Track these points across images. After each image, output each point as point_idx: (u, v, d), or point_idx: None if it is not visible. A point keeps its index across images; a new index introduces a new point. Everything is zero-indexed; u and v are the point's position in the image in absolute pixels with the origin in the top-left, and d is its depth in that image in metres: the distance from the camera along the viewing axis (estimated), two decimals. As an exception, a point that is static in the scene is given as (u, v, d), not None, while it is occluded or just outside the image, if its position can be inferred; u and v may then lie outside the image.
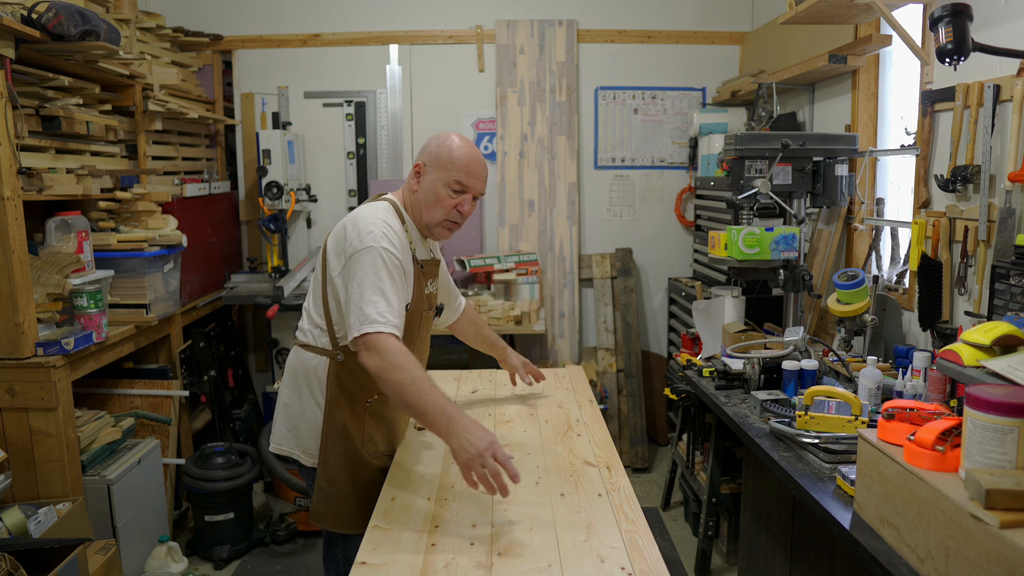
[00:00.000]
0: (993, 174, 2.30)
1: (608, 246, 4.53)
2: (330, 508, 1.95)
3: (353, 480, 1.95)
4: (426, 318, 2.04)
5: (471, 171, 1.90)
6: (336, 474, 1.94)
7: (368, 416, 1.97)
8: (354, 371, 1.89)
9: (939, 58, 2.12)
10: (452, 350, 4.44)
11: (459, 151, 1.90)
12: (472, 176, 1.90)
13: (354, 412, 1.94)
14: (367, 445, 1.96)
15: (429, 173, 1.91)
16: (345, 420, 1.93)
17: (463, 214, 1.93)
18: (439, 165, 1.90)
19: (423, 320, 2.02)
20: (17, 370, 2.48)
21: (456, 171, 1.88)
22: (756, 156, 2.79)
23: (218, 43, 4.29)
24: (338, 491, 1.95)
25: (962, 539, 1.27)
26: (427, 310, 2.04)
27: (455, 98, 4.40)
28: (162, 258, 3.19)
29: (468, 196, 1.92)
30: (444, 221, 1.93)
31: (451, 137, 1.93)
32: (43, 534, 2.35)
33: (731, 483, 3.04)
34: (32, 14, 2.43)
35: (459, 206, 1.91)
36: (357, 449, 1.94)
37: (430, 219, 1.93)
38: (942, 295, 2.52)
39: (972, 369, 1.66)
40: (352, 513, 1.95)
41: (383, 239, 1.79)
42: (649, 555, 1.42)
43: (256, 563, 3.23)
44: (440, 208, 1.91)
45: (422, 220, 1.95)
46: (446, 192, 1.89)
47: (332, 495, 1.95)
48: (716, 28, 4.39)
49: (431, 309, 2.08)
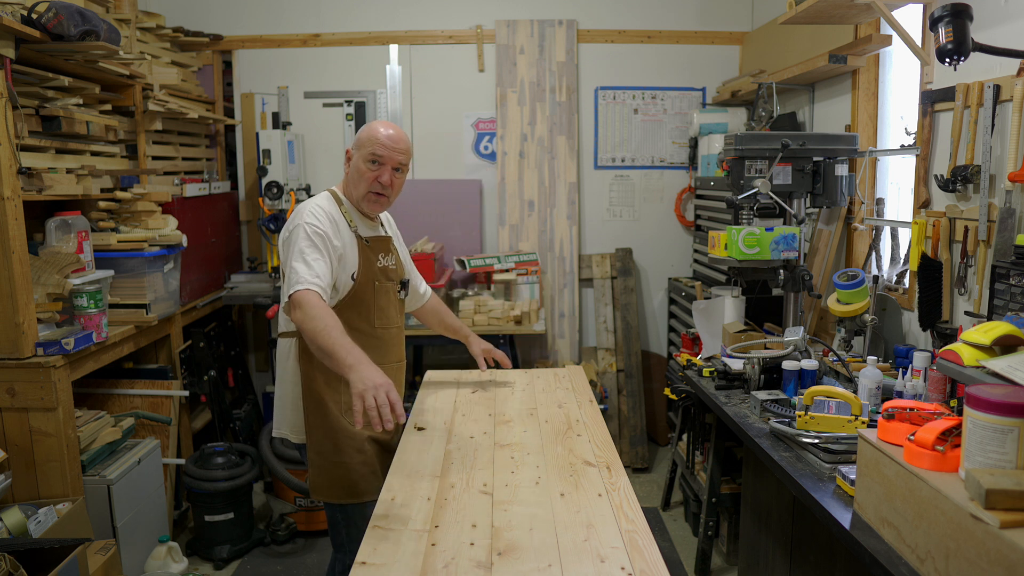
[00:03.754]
0: (993, 174, 2.30)
1: (608, 246, 4.53)
2: (324, 479, 2.09)
3: (339, 449, 2.08)
4: (382, 288, 2.15)
5: (383, 143, 2.06)
6: (322, 445, 2.08)
7: (343, 386, 2.03)
8: None
9: (939, 58, 2.12)
10: (452, 350, 4.44)
11: (373, 129, 2.09)
12: (385, 148, 2.06)
13: (328, 384, 2.06)
14: (347, 415, 2.08)
15: (353, 156, 2.12)
16: (321, 392, 2.07)
17: (384, 184, 2.09)
18: (359, 145, 2.10)
19: (378, 290, 2.14)
20: (17, 370, 2.48)
21: (371, 145, 2.06)
22: (756, 156, 2.79)
23: (218, 43, 4.29)
24: (326, 462, 2.08)
25: (962, 539, 1.27)
26: (384, 281, 2.16)
27: (455, 98, 4.40)
28: (162, 258, 3.19)
29: (386, 168, 2.08)
30: (368, 193, 2.10)
31: (372, 123, 2.13)
32: (43, 534, 2.35)
33: (731, 483, 3.04)
34: (32, 14, 2.43)
35: (378, 177, 2.07)
36: (337, 418, 2.07)
37: (358, 195, 2.11)
38: (942, 295, 2.52)
39: (972, 369, 1.66)
40: (345, 482, 2.08)
41: (308, 216, 1.99)
42: (649, 555, 1.41)
43: (256, 563, 3.23)
44: (363, 182, 2.09)
45: (354, 198, 2.13)
46: (366, 166, 2.07)
47: (322, 466, 2.08)
48: (716, 28, 4.39)
49: (390, 281, 2.19)
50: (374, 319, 2.13)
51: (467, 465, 1.87)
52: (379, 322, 2.15)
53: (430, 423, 2.19)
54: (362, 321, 2.11)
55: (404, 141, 2.12)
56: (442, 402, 2.40)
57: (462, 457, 1.92)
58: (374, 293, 2.12)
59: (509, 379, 2.63)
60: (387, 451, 2.17)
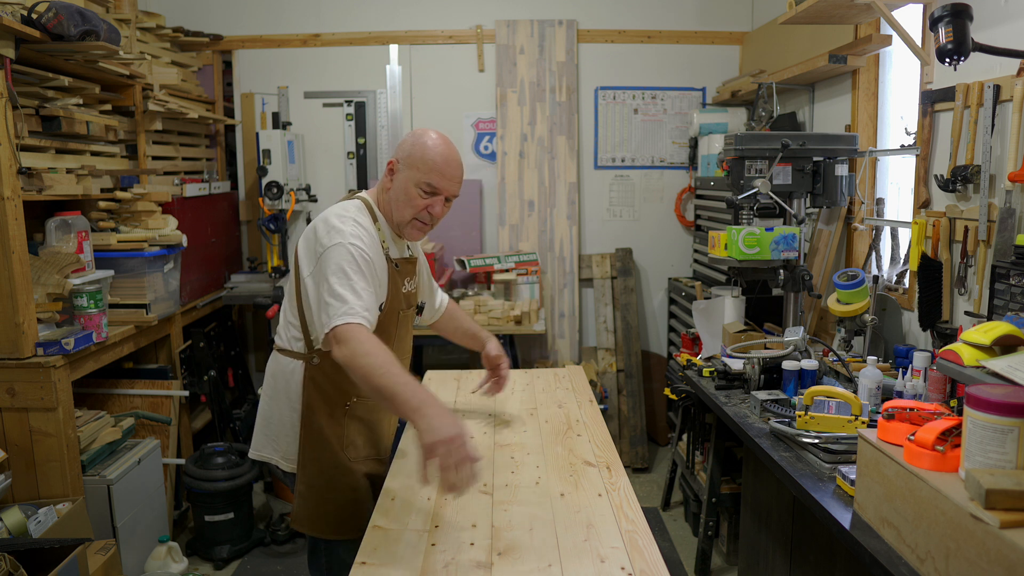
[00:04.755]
0: (993, 174, 2.30)
1: (608, 246, 4.53)
2: (310, 513, 1.92)
3: (332, 486, 1.92)
4: (404, 317, 2.00)
5: (443, 172, 1.84)
6: (314, 479, 1.92)
7: (348, 419, 1.94)
8: (330, 374, 1.87)
9: (939, 58, 2.12)
10: (452, 350, 4.44)
11: (432, 152, 1.84)
12: (444, 178, 1.85)
13: (332, 416, 1.91)
14: (348, 449, 1.93)
15: (402, 171, 1.87)
16: (323, 424, 1.90)
17: (433, 215, 1.89)
18: (411, 164, 1.85)
19: (401, 319, 1.98)
20: (17, 370, 2.48)
21: (428, 172, 1.83)
22: (756, 156, 2.79)
23: (218, 43, 4.29)
24: (317, 496, 1.92)
25: (962, 539, 1.27)
26: (405, 309, 2.00)
27: (455, 98, 4.40)
28: (162, 258, 3.19)
29: (440, 198, 1.87)
30: (413, 220, 1.89)
31: (427, 135, 1.87)
32: (43, 534, 2.35)
33: (731, 483, 3.04)
34: (32, 14, 2.43)
35: (430, 207, 1.87)
36: (336, 454, 1.91)
37: (400, 218, 1.89)
38: (942, 295, 2.52)
39: (972, 369, 1.66)
40: (331, 519, 1.92)
41: (352, 236, 1.76)
42: (649, 555, 1.41)
43: (256, 563, 3.23)
44: (410, 208, 1.87)
45: (393, 219, 1.91)
46: (417, 192, 1.85)
47: (311, 500, 1.92)
48: (716, 28, 4.39)
49: (410, 308, 2.04)
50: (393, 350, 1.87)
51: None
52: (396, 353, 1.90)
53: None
54: None
55: (461, 167, 1.90)
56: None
57: (462, 457, 1.92)
58: (397, 323, 1.95)
59: (509, 379, 2.63)
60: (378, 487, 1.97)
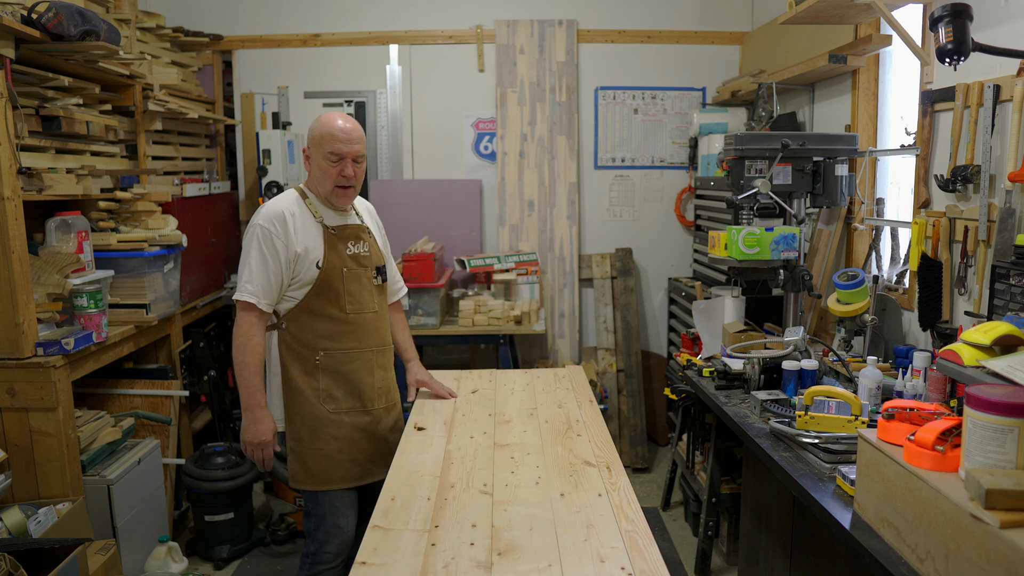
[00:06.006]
0: (993, 174, 2.30)
1: (608, 246, 4.53)
2: (301, 468, 2.18)
3: (316, 436, 2.18)
4: (352, 275, 2.21)
5: (339, 137, 2.12)
6: (299, 432, 2.18)
7: (321, 373, 2.19)
8: (296, 333, 2.18)
9: (939, 58, 2.12)
10: (452, 350, 4.45)
11: (325, 126, 2.14)
12: (341, 142, 2.12)
13: (306, 372, 2.17)
14: (325, 402, 2.17)
15: (312, 153, 2.18)
16: (299, 380, 2.17)
17: (349, 177, 2.16)
18: (315, 143, 2.16)
19: (348, 276, 2.20)
20: (17, 370, 2.48)
21: (328, 143, 2.12)
22: (756, 156, 2.79)
23: (218, 43, 4.29)
24: (304, 449, 2.18)
25: (962, 539, 1.27)
26: (355, 267, 2.22)
27: (455, 98, 4.40)
28: (162, 258, 3.19)
29: (347, 161, 2.14)
30: (335, 188, 2.17)
31: (321, 117, 2.16)
32: (43, 534, 2.35)
33: (731, 483, 3.04)
34: (32, 14, 2.43)
35: (342, 171, 2.14)
36: (315, 406, 2.17)
37: (325, 191, 2.18)
38: (942, 295, 2.52)
39: (972, 369, 1.66)
40: (321, 468, 2.17)
41: (264, 217, 2.11)
42: (649, 555, 1.42)
43: (256, 563, 3.23)
44: (327, 179, 2.16)
45: (321, 194, 2.20)
46: (327, 164, 2.14)
47: (300, 454, 2.18)
48: (716, 28, 4.39)
49: (362, 267, 2.25)
50: (344, 304, 2.19)
51: (467, 465, 1.87)
52: (351, 307, 2.20)
53: (430, 423, 2.19)
54: (332, 307, 2.18)
55: (358, 130, 2.17)
56: (442, 402, 2.40)
57: (462, 457, 1.93)
58: (343, 279, 2.19)
59: (509, 379, 2.63)
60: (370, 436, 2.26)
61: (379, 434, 2.28)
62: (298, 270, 2.13)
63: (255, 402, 2.11)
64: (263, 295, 2.10)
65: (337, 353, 2.19)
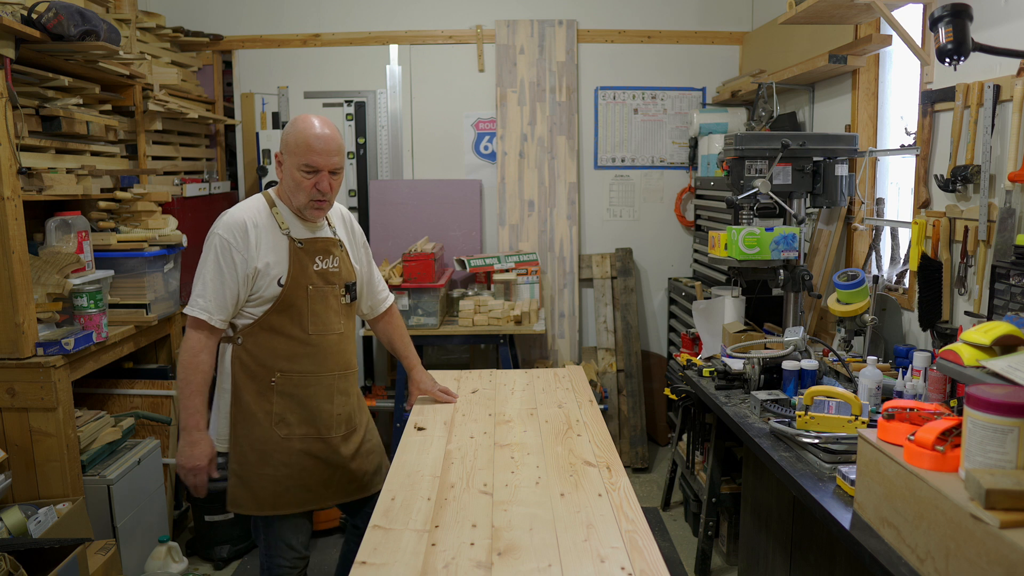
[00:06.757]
0: (993, 174, 2.30)
1: (608, 246, 4.53)
2: (245, 492, 2.03)
3: (265, 461, 2.02)
4: (317, 293, 2.05)
5: (315, 149, 1.94)
6: (245, 456, 2.03)
7: (275, 396, 2.02)
8: (252, 351, 2.01)
9: (939, 58, 2.12)
10: (452, 350, 4.45)
11: (302, 134, 1.95)
12: (318, 154, 1.94)
13: (259, 393, 2.01)
14: (277, 426, 2.02)
15: (285, 161, 1.99)
16: (250, 401, 2.01)
17: (323, 192, 1.99)
18: (289, 151, 1.97)
19: (312, 295, 2.04)
20: (17, 370, 2.48)
21: (303, 154, 1.94)
22: (756, 156, 2.79)
23: (218, 43, 4.29)
24: (250, 473, 2.03)
25: (962, 539, 1.27)
26: (322, 285, 2.06)
27: (455, 98, 4.40)
28: (162, 258, 3.19)
29: (323, 174, 1.97)
30: (309, 202, 2.00)
31: (299, 120, 1.98)
32: (43, 534, 2.35)
33: (731, 483, 3.04)
34: (32, 14, 2.43)
35: (317, 184, 1.97)
36: (266, 429, 2.02)
37: (298, 203, 2.00)
38: (942, 295, 2.52)
39: (972, 369, 1.66)
40: (267, 494, 2.02)
41: (223, 227, 1.96)
42: (649, 555, 1.42)
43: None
44: (300, 192, 1.98)
45: (293, 205, 2.03)
46: (301, 175, 1.96)
47: (244, 478, 2.03)
48: (716, 28, 4.39)
49: (329, 284, 2.08)
50: (307, 325, 2.03)
51: (467, 465, 1.87)
52: (314, 328, 2.04)
53: (430, 423, 2.19)
54: (293, 327, 2.02)
55: (336, 141, 1.99)
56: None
57: (462, 457, 1.93)
58: (307, 298, 2.03)
59: (509, 379, 2.63)
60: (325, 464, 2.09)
61: (336, 462, 2.11)
62: (258, 286, 1.97)
63: (192, 423, 1.96)
64: (216, 311, 1.95)
65: (295, 376, 2.03)
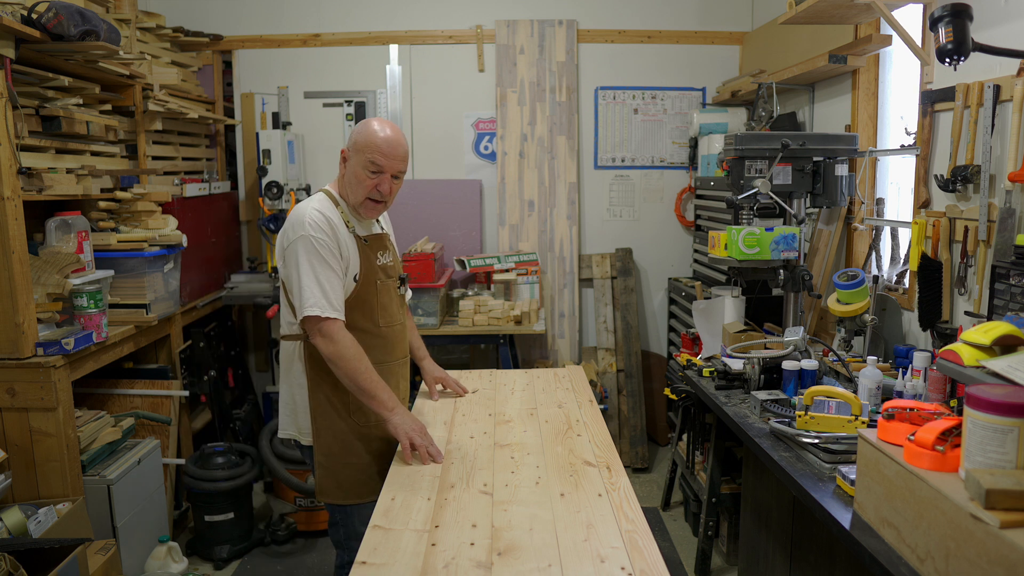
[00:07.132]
0: (993, 174, 2.30)
1: (608, 246, 4.53)
2: (331, 481, 2.10)
3: (348, 450, 2.09)
4: (384, 287, 2.14)
5: (384, 151, 2.01)
6: (330, 447, 2.09)
7: None
8: None
9: (939, 58, 2.12)
10: (452, 350, 4.45)
11: (373, 134, 2.02)
12: (385, 156, 2.02)
13: (335, 386, 2.06)
14: (355, 415, 2.09)
15: (351, 158, 2.06)
16: (328, 394, 2.07)
17: (383, 193, 2.06)
18: (357, 149, 2.04)
19: (380, 288, 2.12)
20: (17, 370, 2.48)
21: (371, 153, 2.01)
22: (756, 156, 2.79)
23: (218, 43, 4.29)
24: (335, 463, 2.09)
25: (962, 539, 1.27)
26: (385, 279, 2.15)
27: (455, 98, 4.40)
28: (162, 258, 3.19)
29: (386, 176, 2.04)
30: (365, 200, 2.06)
31: (370, 123, 2.06)
32: (43, 534, 2.35)
33: (731, 483, 3.04)
34: (32, 14, 2.43)
35: (378, 185, 2.04)
36: (345, 420, 2.09)
37: (355, 199, 2.07)
38: (942, 295, 2.52)
39: (972, 369, 1.66)
40: (352, 483, 2.10)
41: (311, 227, 1.97)
42: (649, 555, 1.42)
43: (256, 563, 3.23)
44: (361, 188, 2.05)
45: (350, 201, 2.09)
46: (365, 173, 2.03)
47: (330, 468, 2.10)
48: (716, 28, 4.39)
49: (390, 278, 2.18)
50: (378, 318, 2.11)
51: (467, 465, 1.87)
52: (383, 320, 2.13)
53: (430, 423, 2.19)
54: (367, 321, 2.09)
55: (403, 146, 2.06)
56: (442, 402, 2.40)
57: (462, 457, 1.93)
58: (376, 292, 2.11)
59: (509, 379, 2.63)
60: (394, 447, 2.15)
61: None
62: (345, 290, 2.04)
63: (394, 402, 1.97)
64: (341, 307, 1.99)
65: None
